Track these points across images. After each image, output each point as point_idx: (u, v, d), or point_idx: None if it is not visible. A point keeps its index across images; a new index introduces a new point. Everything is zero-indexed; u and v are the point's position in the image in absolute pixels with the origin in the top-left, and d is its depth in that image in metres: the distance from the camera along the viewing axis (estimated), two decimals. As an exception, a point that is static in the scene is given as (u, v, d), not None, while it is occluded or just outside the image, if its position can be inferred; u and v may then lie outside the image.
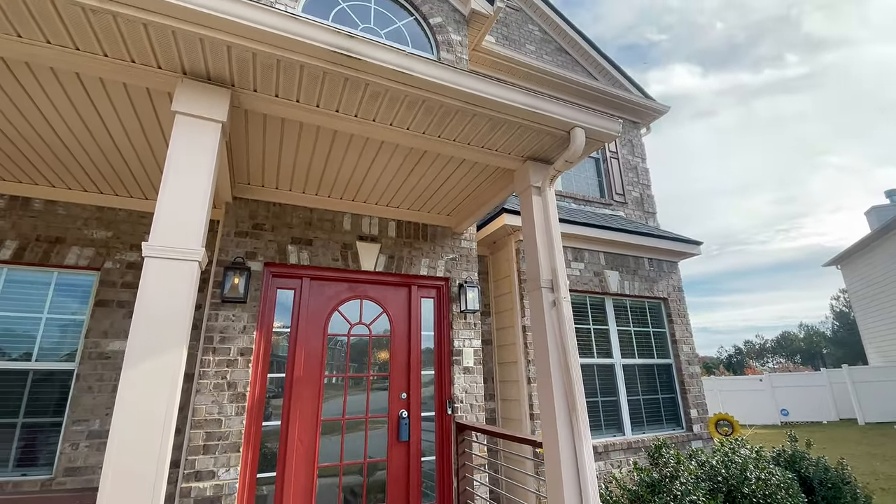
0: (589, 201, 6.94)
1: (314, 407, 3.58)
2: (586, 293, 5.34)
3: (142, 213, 3.77)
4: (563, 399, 2.56)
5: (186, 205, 1.94)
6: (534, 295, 2.76)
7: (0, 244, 3.39)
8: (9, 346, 3.36)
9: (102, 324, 3.48)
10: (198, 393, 3.16)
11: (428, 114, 2.57)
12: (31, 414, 3.29)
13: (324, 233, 3.96)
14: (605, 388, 5.22)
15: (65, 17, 1.85)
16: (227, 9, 1.88)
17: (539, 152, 2.97)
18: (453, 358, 4.07)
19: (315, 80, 2.24)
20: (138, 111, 2.53)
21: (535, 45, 7.61)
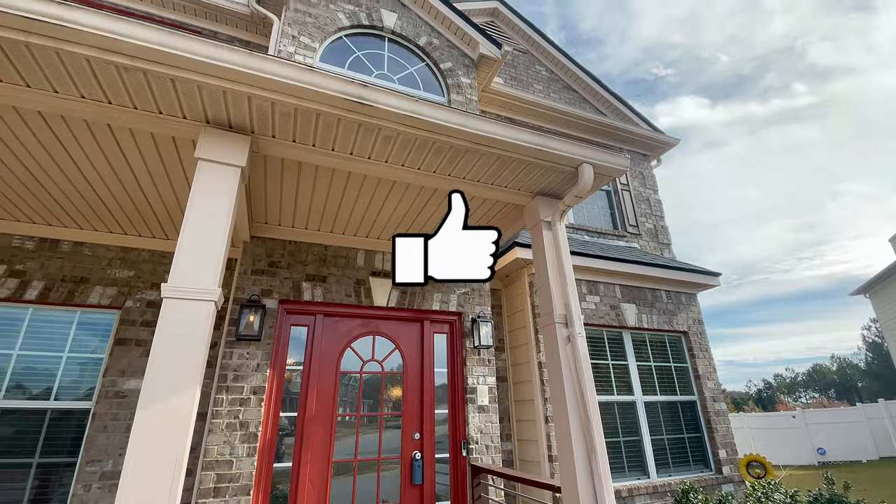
0: (602, 233, 6.92)
1: (326, 447, 3.52)
2: (603, 327, 5.23)
3: (163, 253, 3.90)
4: (581, 440, 2.46)
5: (205, 247, 2.01)
6: (547, 330, 2.72)
7: (28, 285, 3.52)
8: (30, 385, 3.43)
9: (120, 362, 3.54)
10: (210, 433, 3.14)
11: (438, 154, 2.65)
12: (47, 454, 3.31)
13: (338, 269, 4.02)
14: (627, 427, 5.01)
15: (99, 75, 2.00)
16: (248, 63, 2.01)
17: (548, 188, 3.01)
18: (467, 396, 3.98)
19: (330, 126, 2.35)
20: (164, 157, 2.67)
21: (542, 84, 7.85)
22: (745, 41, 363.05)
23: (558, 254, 2.80)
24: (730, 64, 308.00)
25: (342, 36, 5.20)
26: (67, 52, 1.87)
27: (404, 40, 5.56)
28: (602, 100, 8.27)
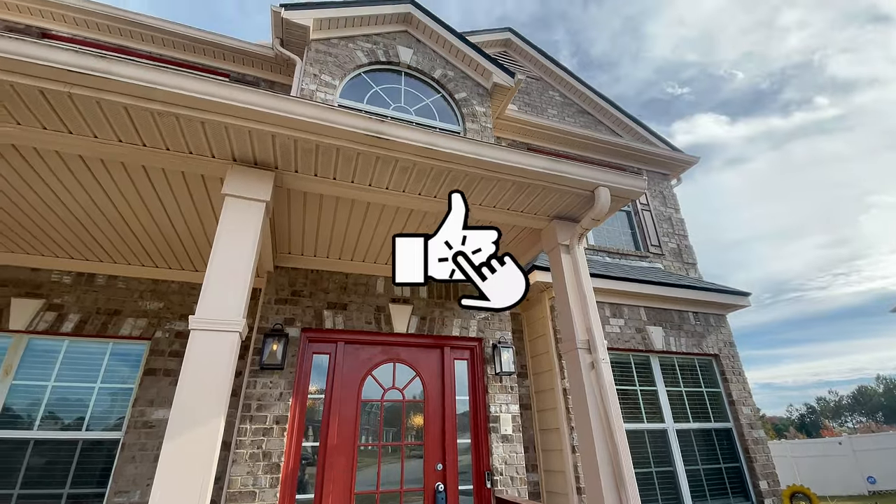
0: (624, 254, 6.81)
1: (348, 478, 3.47)
2: (629, 351, 5.08)
3: (191, 285, 4.03)
4: (609, 471, 2.37)
5: (231, 280, 2.09)
6: (570, 356, 2.67)
7: (64, 318, 3.68)
8: (63, 416, 3.53)
9: (149, 392, 3.62)
10: (234, 463, 3.16)
11: (454, 182, 2.70)
12: (77, 484, 3.37)
13: (358, 296, 4.06)
14: (659, 457, 4.78)
15: (135, 120, 2.15)
16: (272, 104, 2.12)
17: (565, 211, 3.01)
18: (490, 425, 3.90)
19: (350, 160, 2.44)
20: (193, 194, 2.80)
21: (556, 108, 7.95)
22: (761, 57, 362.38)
23: (578, 277, 2.77)
24: (747, 80, 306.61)
25: (361, 73, 5.43)
26: (107, 100, 2.02)
27: (420, 74, 5.76)
28: (617, 121, 8.30)
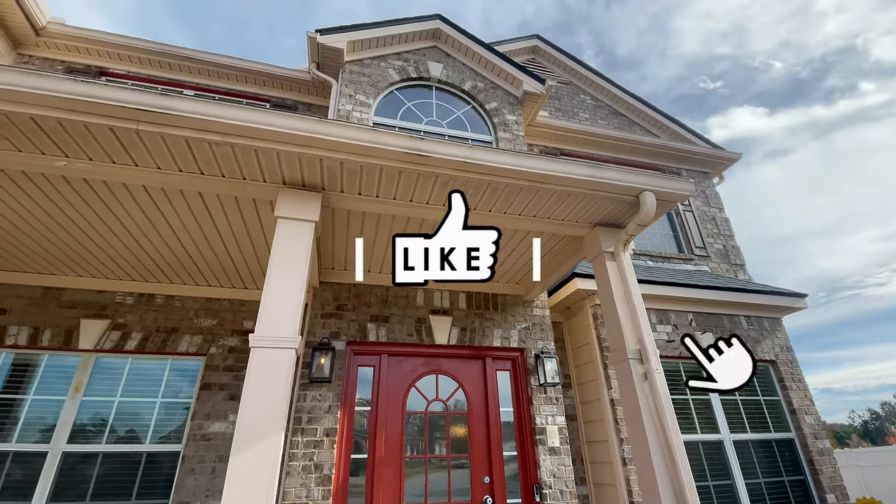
0: (667, 258, 6.58)
1: (396, 490, 3.50)
2: (678, 359, 4.88)
3: (242, 301, 4.21)
4: (669, 488, 2.28)
5: (285, 299, 2.17)
6: (621, 368, 2.60)
7: (128, 336, 3.92)
8: (128, 430, 3.74)
9: (206, 406, 3.79)
10: (288, 476, 3.25)
11: (493, 194, 2.71)
12: (142, 495, 3.54)
13: (399, 309, 4.12)
14: (716, 470, 4.54)
15: (195, 151, 2.29)
16: (319, 129, 2.21)
17: (608, 218, 2.96)
18: (536, 437, 3.83)
19: (392, 178, 2.50)
20: (245, 217, 2.95)
21: (588, 112, 7.84)
22: (799, 45, 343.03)
23: (625, 285, 2.71)
24: (785, 70, 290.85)
25: (393, 90, 5.56)
26: (170, 134, 2.16)
27: (450, 87, 5.83)
28: (652, 121, 8.09)
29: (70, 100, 1.97)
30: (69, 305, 3.90)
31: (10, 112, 2.01)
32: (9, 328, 3.69)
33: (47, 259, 3.62)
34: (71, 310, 3.89)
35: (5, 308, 3.76)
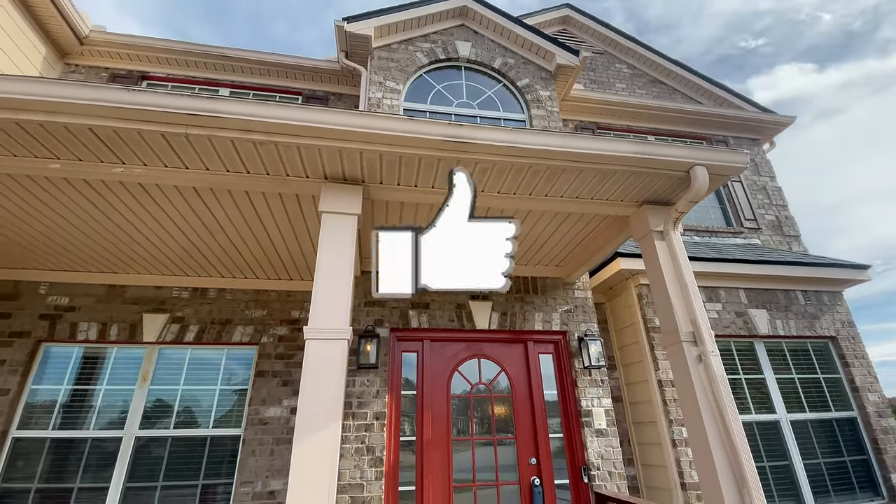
0: (714, 232, 6.27)
1: (445, 471, 3.59)
2: (730, 337, 4.69)
3: (288, 292, 4.37)
4: (728, 471, 2.22)
5: (334, 292, 2.23)
6: (673, 350, 2.52)
7: (186, 329, 4.15)
8: (192, 415, 4.00)
9: (261, 392, 3.99)
10: (342, 458, 3.39)
11: (534, 177, 2.64)
12: (208, 476, 3.80)
13: (438, 295, 4.14)
14: (772, 451, 4.39)
15: (240, 152, 2.35)
16: (359, 123, 2.22)
17: (656, 195, 2.84)
18: (582, 419, 3.81)
19: (431, 167, 2.48)
20: (289, 212, 3.02)
21: (625, 82, 7.47)
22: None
23: (676, 265, 2.60)
24: (834, 22, 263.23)
25: (422, 73, 5.48)
26: (217, 136, 2.22)
27: (480, 66, 5.69)
28: (694, 87, 7.62)
29: (125, 109, 2.06)
30: (132, 301, 4.16)
31: (70, 124, 2.12)
32: (79, 324, 3.99)
33: (109, 259, 3.86)
34: (133, 305, 4.15)
35: (74, 306, 4.05)
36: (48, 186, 2.73)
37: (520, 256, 4.11)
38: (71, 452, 3.68)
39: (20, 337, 3.86)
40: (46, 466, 3.61)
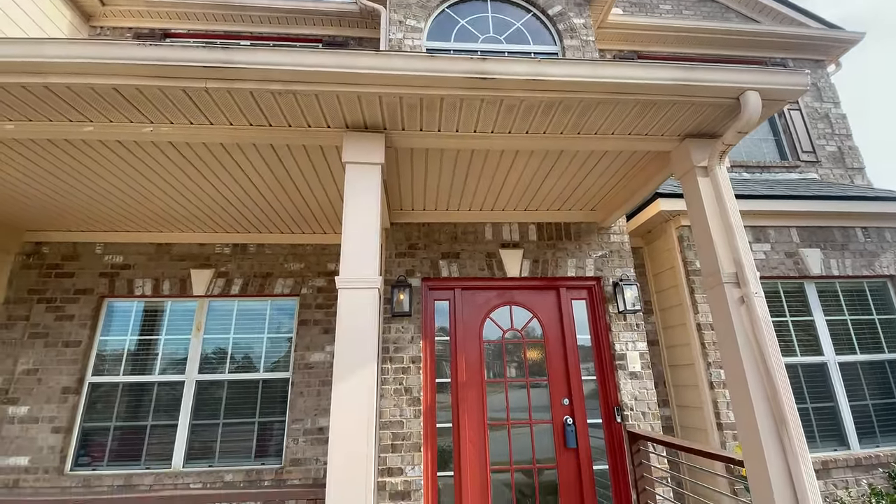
0: (766, 167, 5.80)
1: (479, 410, 3.75)
2: (777, 279, 4.46)
3: (323, 246, 4.49)
4: (766, 412, 2.17)
5: (362, 242, 2.25)
6: (714, 292, 2.42)
7: (231, 283, 4.38)
8: (245, 361, 4.32)
9: (305, 339, 4.23)
10: (382, 398, 3.59)
11: (566, 113, 2.47)
12: (264, 413, 4.15)
13: (468, 245, 4.13)
14: (816, 393, 4.27)
15: (261, 104, 2.31)
16: (375, 64, 2.12)
17: (701, 127, 2.61)
18: (616, 363, 3.82)
19: (454, 108, 2.36)
20: (315, 164, 3.01)
21: (670, 2, 6.72)
22: None
23: (721, 203, 2.43)
24: None
25: (444, 8, 5.13)
26: (236, 89, 2.19)
27: (506, -5, 5.25)
28: (750, 3, 6.76)
29: (143, 65, 2.05)
30: (179, 258, 4.40)
31: (95, 85, 2.14)
32: (135, 281, 4.29)
33: (153, 219, 4.06)
34: (181, 262, 4.40)
35: (128, 264, 4.34)
36: (87, 150, 2.84)
37: (552, 201, 3.98)
38: (141, 395, 4.09)
39: (84, 294, 4.21)
40: (122, 408, 4.05)
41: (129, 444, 3.96)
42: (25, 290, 4.18)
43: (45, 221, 4.10)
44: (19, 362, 3.98)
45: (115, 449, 3.94)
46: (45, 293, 4.19)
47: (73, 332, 4.09)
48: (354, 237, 2.25)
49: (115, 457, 3.92)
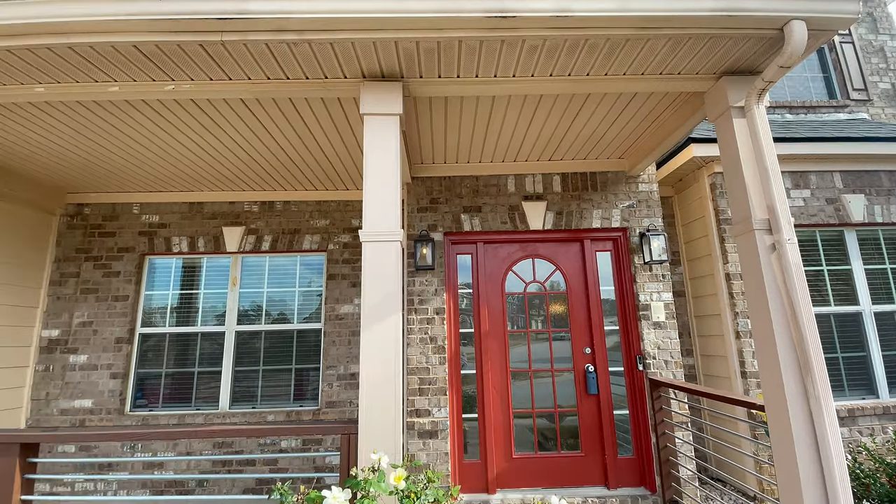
0: (812, 107, 5.39)
1: (502, 358, 3.87)
2: (815, 227, 4.27)
3: (346, 202, 4.55)
4: (791, 359, 2.16)
5: (383, 194, 2.28)
6: (744, 239, 2.35)
7: (261, 239, 4.53)
8: (279, 313, 4.55)
9: (334, 293, 4.40)
10: (408, 346, 3.75)
11: (592, 53, 2.34)
12: (300, 361, 4.42)
13: (490, 198, 4.09)
14: (848, 343, 4.19)
15: (276, 55, 2.28)
16: (390, 7, 2.04)
17: (738, 63, 2.43)
18: (640, 313, 3.82)
19: (472, 52, 2.27)
20: (334, 119, 3.01)
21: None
22: None
23: (758, 145, 2.30)
24: None
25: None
26: (251, 41, 2.16)
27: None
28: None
29: (159, 20, 2.04)
30: (211, 216, 4.56)
31: (116, 43, 2.16)
32: (172, 238, 4.50)
33: (184, 178, 4.19)
34: (213, 220, 4.56)
35: (164, 223, 4.53)
36: (115, 111, 2.91)
37: (578, 150, 3.86)
38: (187, 345, 4.41)
39: (127, 252, 4.46)
40: (170, 356, 4.38)
41: (179, 388, 4.32)
42: (73, 249, 4.46)
43: (84, 183, 4.30)
44: (75, 315, 4.32)
45: (168, 392, 4.32)
46: (91, 251, 4.46)
47: (120, 288, 4.38)
48: (375, 190, 2.27)
49: (168, 399, 4.30)
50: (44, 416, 4.10)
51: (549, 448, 3.77)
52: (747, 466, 3.64)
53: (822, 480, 2.04)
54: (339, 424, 2.31)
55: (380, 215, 2.27)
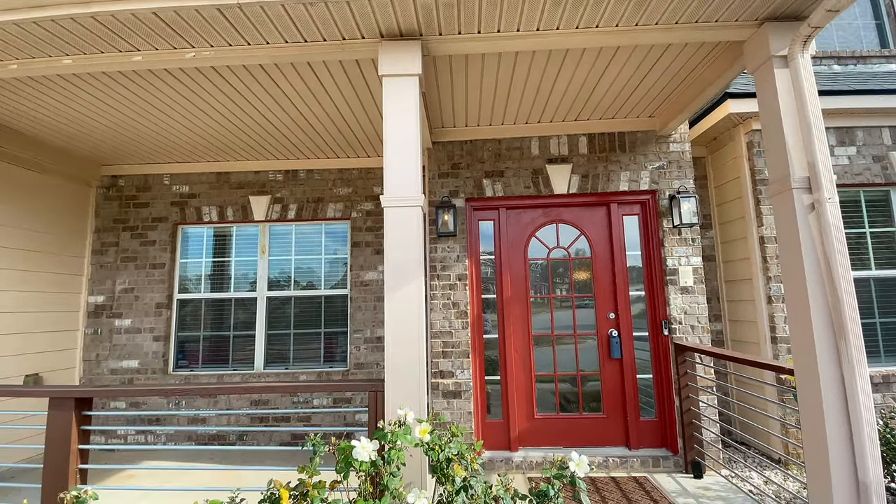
0: (862, 57, 4.95)
1: (524, 323, 3.90)
2: (859, 186, 4.01)
3: (368, 169, 4.55)
4: (825, 322, 2.09)
5: (404, 157, 2.27)
6: (781, 198, 2.24)
7: (287, 208, 4.62)
8: (306, 279, 4.68)
9: (358, 260, 4.48)
10: (431, 311, 3.82)
11: (621, 1, 2.20)
12: (328, 325, 4.58)
13: (513, 161, 4.01)
14: (889, 308, 4.01)
15: (294, 17, 2.24)
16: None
17: (783, 7, 2.24)
18: (667, 278, 3.74)
19: (494, 4, 2.17)
20: (353, 83, 2.97)
21: None
22: None
23: (800, 98, 2.15)
24: None
25: None
26: (268, 2, 2.12)
27: None
28: None
29: (177, -17, 2.03)
30: (237, 186, 4.66)
31: (137, 10, 2.16)
32: (202, 208, 4.63)
33: (209, 148, 4.26)
34: (240, 189, 4.66)
35: (194, 193, 4.66)
36: (140, 82, 2.96)
37: (606, 108, 3.70)
38: (222, 310, 4.62)
39: (161, 221, 4.63)
40: (207, 320, 4.61)
41: (216, 350, 4.56)
42: (111, 220, 4.67)
43: (116, 156, 4.44)
44: (117, 283, 4.57)
45: (207, 354, 4.57)
46: (128, 222, 4.65)
47: (157, 256, 4.59)
48: (396, 153, 2.26)
49: (207, 360, 4.56)
50: (95, 375, 4.43)
51: (570, 410, 3.83)
52: (773, 430, 3.62)
53: (851, 444, 2.01)
54: (366, 382, 2.40)
55: (401, 180, 2.26)
